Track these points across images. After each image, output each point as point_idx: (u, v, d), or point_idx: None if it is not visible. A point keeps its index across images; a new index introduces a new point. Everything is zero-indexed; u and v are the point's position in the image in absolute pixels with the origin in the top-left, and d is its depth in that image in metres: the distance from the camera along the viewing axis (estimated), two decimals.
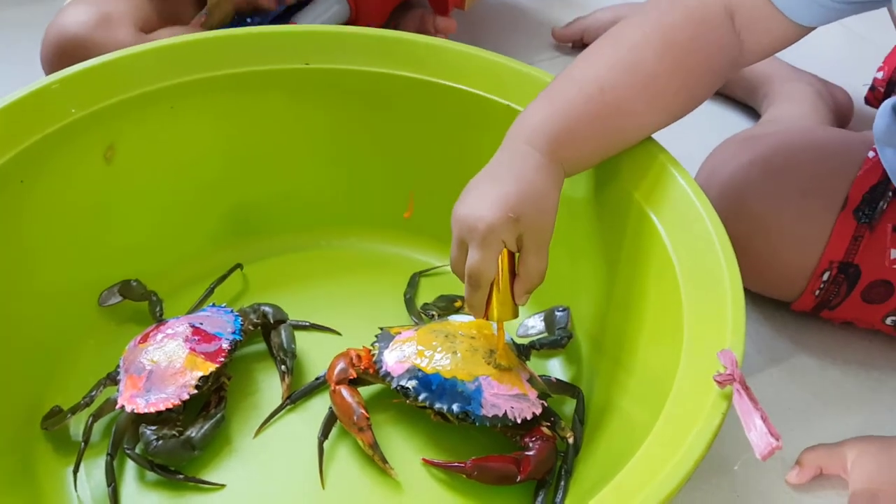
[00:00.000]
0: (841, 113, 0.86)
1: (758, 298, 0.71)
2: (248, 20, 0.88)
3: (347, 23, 0.89)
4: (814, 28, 0.57)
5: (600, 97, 0.56)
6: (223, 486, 0.57)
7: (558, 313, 0.65)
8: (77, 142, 0.63)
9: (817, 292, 0.66)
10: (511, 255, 0.55)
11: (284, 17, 0.89)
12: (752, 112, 0.92)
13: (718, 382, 0.44)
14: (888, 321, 0.67)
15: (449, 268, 0.58)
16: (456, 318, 0.64)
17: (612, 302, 0.62)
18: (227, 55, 0.68)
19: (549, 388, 0.60)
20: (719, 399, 0.44)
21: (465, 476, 0.57)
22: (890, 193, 0.64)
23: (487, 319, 0.57)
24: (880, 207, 0.63)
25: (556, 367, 0.66)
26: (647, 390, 0.53)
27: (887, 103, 0.66)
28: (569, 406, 0.61)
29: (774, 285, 0.68)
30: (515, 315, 0.57)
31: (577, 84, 0.57)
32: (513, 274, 0.56)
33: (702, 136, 0.76)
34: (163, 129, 0.67)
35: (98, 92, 0.64)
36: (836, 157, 0.66)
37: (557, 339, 0.64)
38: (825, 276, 0.65)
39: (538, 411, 0.58)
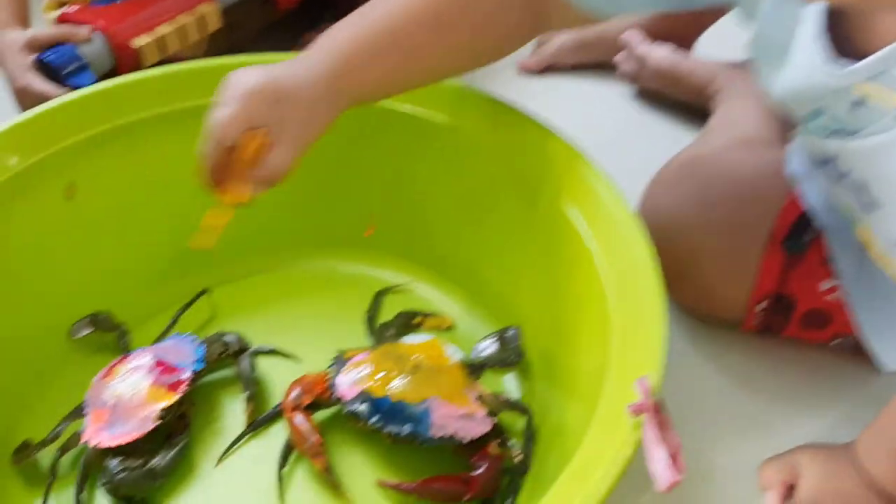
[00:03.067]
0: None
1: None
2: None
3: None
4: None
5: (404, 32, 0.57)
6: None
7: (508, 333, 0.67)
8: (37, 184, 0.66)
9: (756, 322, 0.67)
10: (263, 144, 0.55)
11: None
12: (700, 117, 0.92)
13: (632, 412, 0.45)
14: (834, 343, 0.67)
15: (410, 285, 0.60)
16: (410, 340, 0.66)
17: (553, 324, 0.63)
18: (177, 89, 0.70)
19: (498, 407, 0.62)
20: (633, 429, 0.45)
21: (415, 496, 0.59)
22: (814, 225, 0.64)
23: (219, 194, 0.58)
24: (805, 240, 0.63)
25: (510, 386, 0.67)
26: (584, 402, 0.54)
27: (795, 142, 0.67)
28: (519, 424, 0.62)
29: (716, 314, 0.69)
30: (245, 200, 0.57)
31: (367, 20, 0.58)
32: (258, 162, 0.56)
33: (652, 144, 0.78)
34: (122, 163, 0.70)
35: (54, 134, 0.67)
36: (764, 189, 0.66)
37: (507, 357, 0.66)
38: (761, 306, 0.66)
39: (486, 430, 0.60)
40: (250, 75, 0.55)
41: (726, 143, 0.76)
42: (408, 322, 0.71)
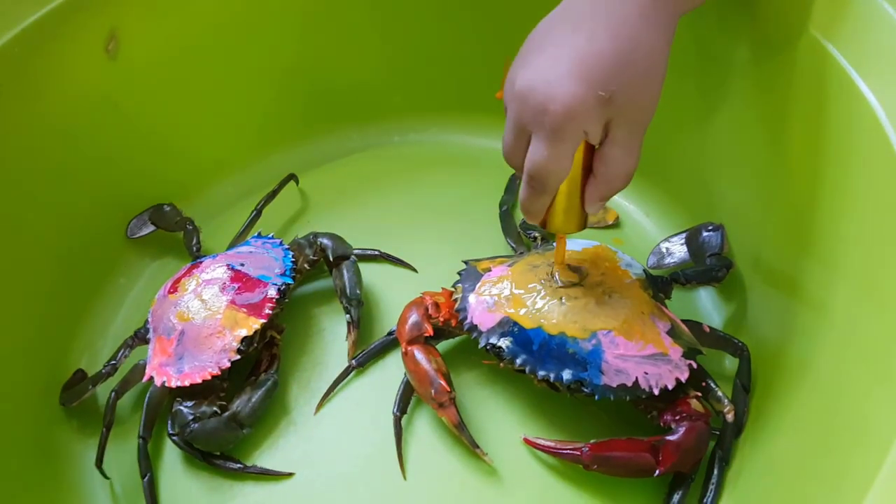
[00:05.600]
0: None
1: None
2: None
3: None
4: None
5: None
6: (291, 474, 0.46)
7: (707, 233, 0.49)
8: (69, 30, 0.49)
9: None
10: (589, 148, 0.38)
11: None
12: None
13: None
14: None
15: None
16: (567, 245, 0.48)
17: (787, 217, 0.43)
18: None
19: (699, 343, 0.45)
20: None
21: (581, 465, 0.43)
22: None
23: (545, 229, 0.41)
24: None
25: (708, 310, 0.50)
26: (855, 351, 0.36)
27: None
28: (729, 367, 0.46)
29: None
30: (582, 227, 0.41)
31: None
32: (587, 171, 0.39)
33: None
34: (174, 5, 0.52)
35: None
36: None
37: (710, 270, 0.47)
38: None
39: (684, 377, 0.43)
40: (560, 83, 0.36)
41: None
42: None
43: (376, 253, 0.54)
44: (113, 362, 0.49)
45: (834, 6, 0.39)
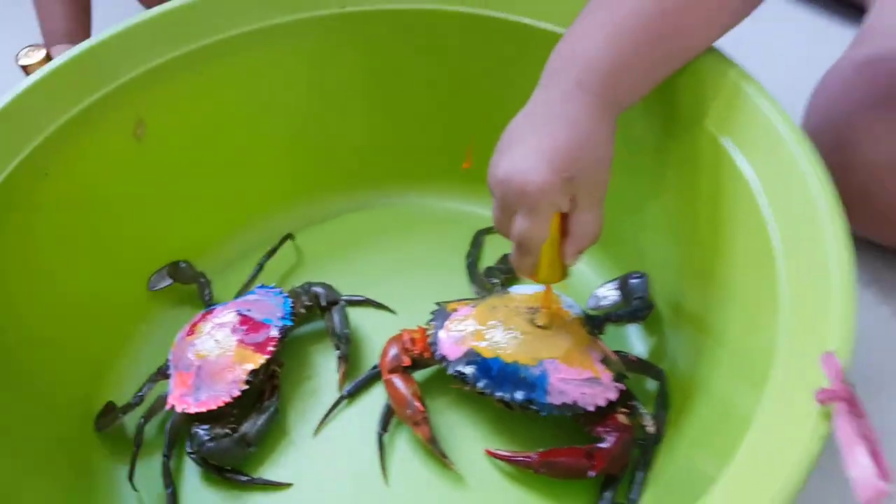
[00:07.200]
0: None
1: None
2: None
3: None
4: None
5: (661, 19, 0.47)
6: (290, 484, 0.54)
7: (634, 280, 0.58)
8: (104, 121, 0.59)
9: None
10: (564, 216, 0.48)
11: None
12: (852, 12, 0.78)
13: (820, 401, 0.36)
14: None
15: None
16: (518, 290, 0.58)
17: (691, 270, 0.54)
18: (252, 8, 0.62)
19: (626, 368, 0.54)
20: (820, 419, 0.36)
21: (531, 470, 0.52)
22: None
23: (536, 281, 0.51)
24: None
25: (634, 341, 0.59)
26: (740, 372, 0.46)
27: None
28: (650, 388, 0.55)
29: None
30: (564, 276, 0.51)
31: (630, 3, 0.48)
32: (563, 233, 0.49)
33: (799, 53, 0.65)
34: (192, 96, 0.62)
35: (119, 65, 0.59)
36: None
37: (636, 310, 0.57)
38: None
39: (613, 397, 0.52)
40: (533, 171, 0.45)
41: None
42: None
43: (362, 298, 0.63)
44: (140, 394, 0.57)
45: (724, 107, 0.50)
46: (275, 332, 0.57)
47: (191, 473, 0.56)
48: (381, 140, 0.68)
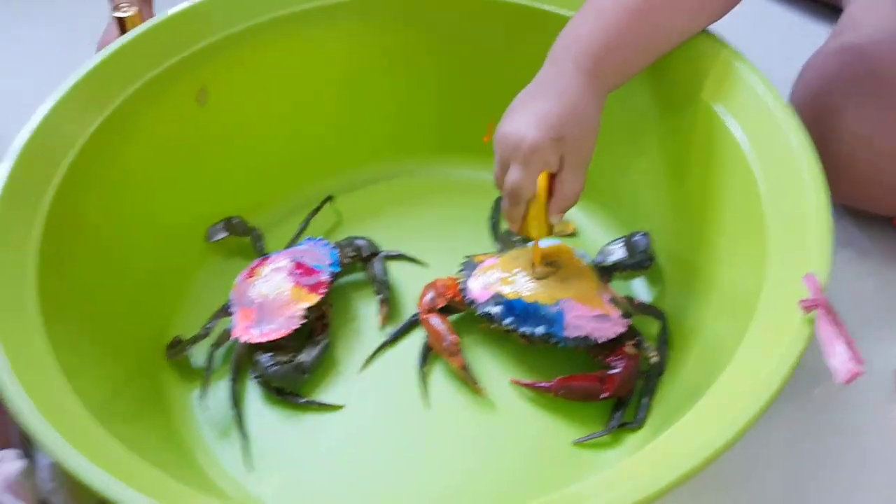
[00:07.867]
0: None
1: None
2: None
3: None
4: None
5: (649, 12, 0.57)
6: (342, 406, 0.62)
7: (637, 238, 0.67)
8: (172, 87, 0.67)
9: None
10: (550, 175, 0.57)
11: None
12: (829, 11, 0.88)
13: (804, 308, 0.45)
14: None
15: None
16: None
17: (689, 221, 0.63)
18: None
19: (631, 309, 0.63)
20: (803, 324, 0.45)
21: (551, 394, 0.61)
22: None
23: (522, 234, 0.60)
24: None
25: (639, 291, 0.68)
26: (729, 311, 0.55)
27: None
28: (655, 329, 0.63)
29: (877, 200, 0.67)
30: (550, 233, 0.59)
31: None
32: (550, 193, 0.57)
33: (781, 47, 0.74)
34: (252, 66, 0.71)
35: (184, 39, 0.68)
36: None
37: (639, 262, 0.65)
38: None
39: (622, 330, 0.61)
40: (528, 129, 0.54)
41: (876, 27, 0.72)
42: None
43: (397, 253, 0.71)
44: (207, 326, 0.65)
45: (718, 80, 0.60)
46: (325, 276, 0.65)
47: (252, 397, 0.63)
48: (408, 116, 0.77)
